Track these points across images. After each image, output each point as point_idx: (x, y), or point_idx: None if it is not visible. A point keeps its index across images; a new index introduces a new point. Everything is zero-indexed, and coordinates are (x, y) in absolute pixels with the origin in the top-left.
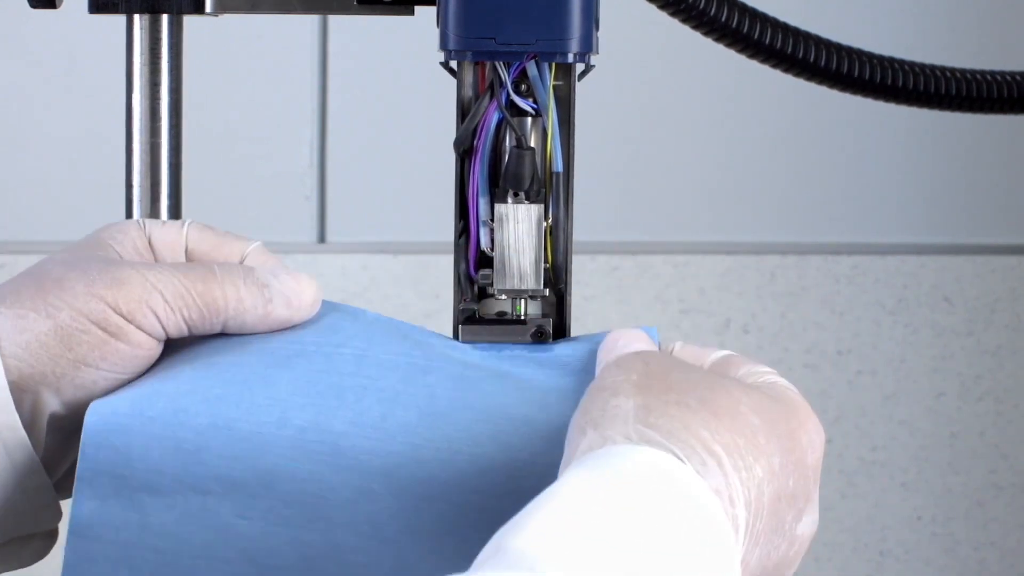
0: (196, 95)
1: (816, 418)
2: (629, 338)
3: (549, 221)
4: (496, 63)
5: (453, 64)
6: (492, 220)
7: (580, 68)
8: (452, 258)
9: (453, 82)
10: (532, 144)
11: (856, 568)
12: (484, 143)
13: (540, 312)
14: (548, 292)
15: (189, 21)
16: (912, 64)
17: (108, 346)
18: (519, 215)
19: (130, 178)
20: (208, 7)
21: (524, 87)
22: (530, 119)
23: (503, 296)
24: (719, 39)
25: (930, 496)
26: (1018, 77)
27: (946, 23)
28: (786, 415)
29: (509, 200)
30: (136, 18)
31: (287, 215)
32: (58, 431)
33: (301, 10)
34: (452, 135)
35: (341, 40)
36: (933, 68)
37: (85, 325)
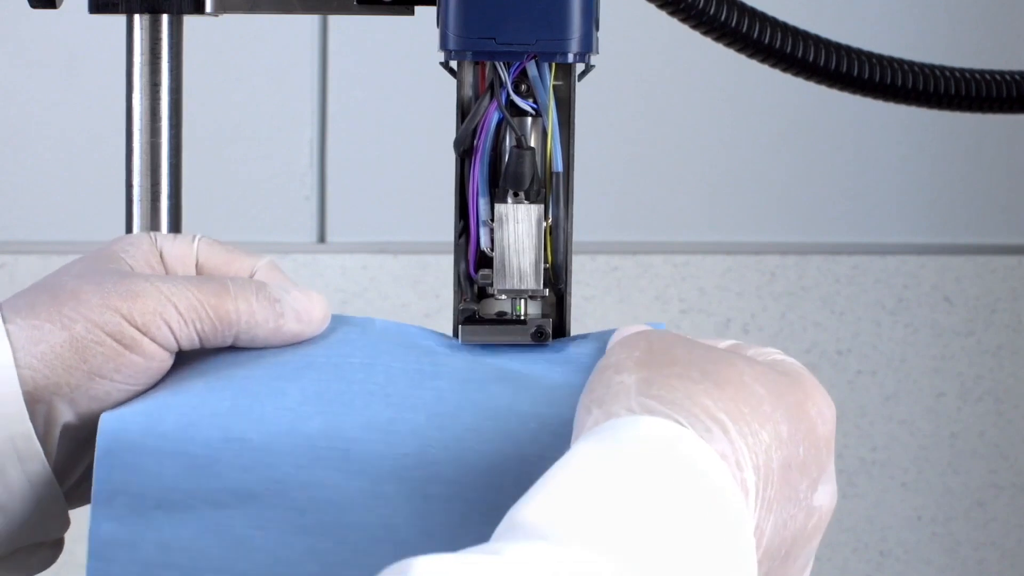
0: (196, 95)
1: (825, 391)
2: (637, 330)
3: (549, 221)
4: (496, 63)
5: (453, 64)
6: (492, 220)
7: (580, 68)
8: (452, 258)
9: (453, 82)
10: (532, 144)
11: (856, 568)
12: (484, 143)
13: (540, 312)
14: (548, 292)
15: (189, 21)
16: (912, 64)
17: (122, 358)
18: (519, 215)
19: (130, 178)
20: (208, 7)
21: (524, 87)
22: (530, 119)
23: (503, 296)
24: (719, 39)
25: (930, 496)
26: (1018, 77)
27: (946, 23)
28: (792, 387)
29: (509, 200)
30: (136, 18)
31: (287, 215)
32: (70, 441)
33: (301, 10)
34: (452, 135)
35: (341, 40)
36: (933, 68)
37: (100, 337)
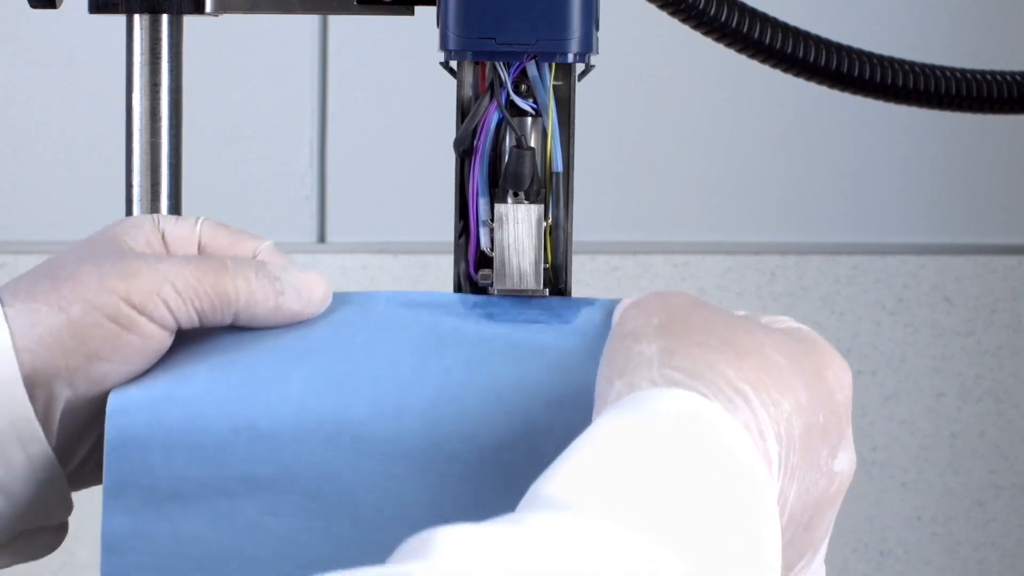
0: (196, 95)
1: (841, 358)
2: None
3: (549, 221)
4: (496, 63)
5: (453, 64)
6: (492, 220)
7: (580, 68)
8: (452, 258)
9: (453, 82)
10: (532, 144)
11: (856, 568)
12: (484, 143)
13: None
14: (548, 292)
15: (189, 21)
16: (912, 64)
17: (120, 339)
18: (519, 215)
19: (130, 178)
20: (208, 7)
21: (524, 87)
22: (530, 119)
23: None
24: (719, 39)
25: (930, 496)
26: (1018, 77)
27: (946, 23)
28: (810, 354)
29: (509, 200)
30: (136, 18)
31: (287, 215)
32: (71, 423)
33: (301, 10)
34: (452, 135)
35: (341, 40)
36: (933, 68)
37: (98, 319)
